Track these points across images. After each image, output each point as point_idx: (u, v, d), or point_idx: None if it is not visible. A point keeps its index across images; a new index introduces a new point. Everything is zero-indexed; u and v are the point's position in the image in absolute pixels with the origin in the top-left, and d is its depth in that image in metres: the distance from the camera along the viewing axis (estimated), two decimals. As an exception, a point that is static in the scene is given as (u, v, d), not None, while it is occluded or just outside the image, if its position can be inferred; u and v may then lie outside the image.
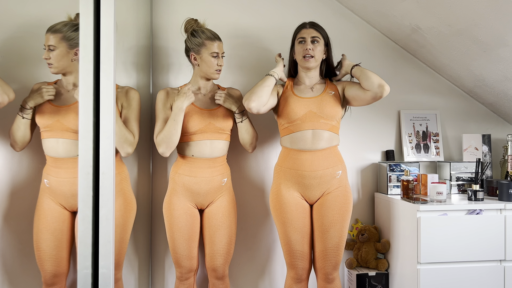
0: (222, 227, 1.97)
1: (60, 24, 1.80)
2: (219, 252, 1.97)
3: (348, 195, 1.95)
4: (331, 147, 1.94)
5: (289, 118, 1.93)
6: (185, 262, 1.95)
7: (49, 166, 1.83)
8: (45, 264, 1.82)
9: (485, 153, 2.48)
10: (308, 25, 1.97)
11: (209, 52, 1.93)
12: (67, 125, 1.78)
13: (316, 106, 1.92)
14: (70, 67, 1.83)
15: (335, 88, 2.01)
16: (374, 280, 2.22)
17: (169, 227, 1.96)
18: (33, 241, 1.84)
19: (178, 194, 1.96)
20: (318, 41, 1.94)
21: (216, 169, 1.98)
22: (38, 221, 1.83)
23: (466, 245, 1.99)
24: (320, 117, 1.91)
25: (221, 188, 1.99)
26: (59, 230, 1.83)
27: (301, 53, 1.94)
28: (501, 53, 2.01)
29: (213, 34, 1.95)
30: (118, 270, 1.91)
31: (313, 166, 1.90)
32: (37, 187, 1.90)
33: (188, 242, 1.94)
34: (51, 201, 1.83)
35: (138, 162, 2.21)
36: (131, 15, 2.21)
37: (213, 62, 1.94)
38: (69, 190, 1.80)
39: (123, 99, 1.94)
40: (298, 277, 1.92)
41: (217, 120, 1.96)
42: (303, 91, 1.99)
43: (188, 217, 1.95)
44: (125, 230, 1.91)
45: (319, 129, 1.91)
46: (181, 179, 1.95)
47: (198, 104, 1.99)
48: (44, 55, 1.80)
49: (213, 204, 1.99)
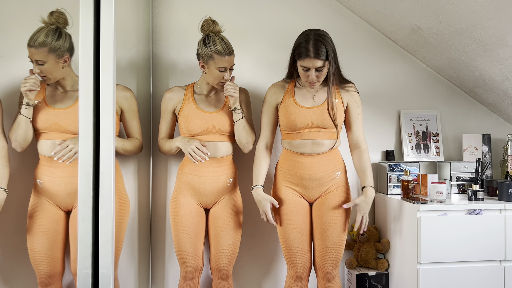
0: (227, 228, 1.97)
1: (41, 34, 1.71)
2: (223, 252, 1.97)
3: (347, 194, 1.96)
4: (331, 150, 1.93)
5: (290, 128, 1.92)
6: (190, 260, 1.95)
7: (43, 166, 1.81)
8: (39, 265, 1.80)
9: (485, 153, 2.48)
10: (313, 53, 1.77)
11: (216, 66, 1.88)
12: (66, 127, 1.77)
13: (317, 117, 1.88)
14: (62, 74, 1.80)
15: (340, 96, 1.93)
16: (374, 280, 2.22)
17: (174, 225, 1.96)
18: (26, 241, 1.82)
19: (183, 192, 1.97)
20: (323, 69, 1.82)
21: (221, 168, 1.98)
22: (31, 222, 1.81)
23: (466, 245, 1.98)
24: (321, 128, 1.89)
25: (226, 188, 2.00)
26: (54, 230, 1.81)
27: (304, 77, 1.85)
28: (501, 53, 2.01)
29: (224, 48, 1.87)
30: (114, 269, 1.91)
31: (312, 169, 1.90)
32: (30, 186, 1.88)
33: (194, 241, 1.95)
34: (45, 201, 1.82)
35: (138, 161, 2.21)
36: (131, 15, 2.21)
37: (219, 75, 1.91)
38: (64, 189, 1.79)
39: (121, 103, 1.94)
40: (298, 276, 1.92)
41: (220, 122, 1.96)
42: (305, 98, 1.93)
43: (193, 215, 1.96)
44: (120, 228, 1.90)
45: (319, 139, 1.90)
46: (186, 178, 1.97)
47: (202, 106, 1.99)
48: (34, 69, 1.72)
49: (219, 204, 2.00)
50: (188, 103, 1.98)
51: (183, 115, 1.97)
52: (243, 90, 2.08)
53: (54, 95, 1.83)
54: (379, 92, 2.46)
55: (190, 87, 2.04)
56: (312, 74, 1.81)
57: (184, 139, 1.94)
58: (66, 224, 1.86)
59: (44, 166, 1.81)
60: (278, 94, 1.97)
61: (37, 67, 1.72)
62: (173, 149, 1.99)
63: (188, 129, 1.96)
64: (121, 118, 1.99)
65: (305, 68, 1.81)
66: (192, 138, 1.94)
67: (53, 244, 1.81)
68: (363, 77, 2.43)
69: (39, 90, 1.79)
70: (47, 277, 1.81)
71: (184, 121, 1.97)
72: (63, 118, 1.77)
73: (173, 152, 2.02)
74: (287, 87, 1.97)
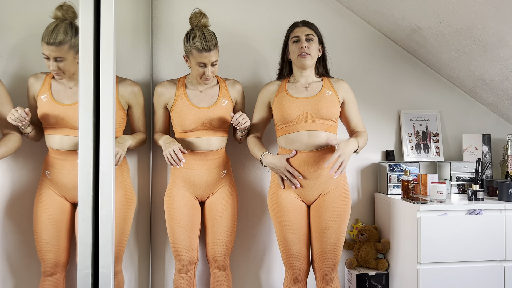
0: (222, 218, 1.98)
1: (59, 31, 1.69)
2: (219, 242, 1.98)
3: (346, 195, 1.92)
4: (328, 147, 1.92)
5: (284, 120, 1.92)
6: (185, 254, 1.94)
7: (52, 158, 1.83)
8: (46, 254, 1.82)
9: (485, 153, 2.48)
10: (301, 23, 1.96)
11: (195, 61, 1.87)
12: (72, 123, 1.78)
13: (311, 107, 1.89)
14: (75, 69, 1.82)
15: (333, 89, 1.97)
16: (374, 280, 2.22)
17: (169, 218, 1.96)
18: (33, 231, 1.85)
19: (178, 186, 1.98)
20: (313, 38, 1.92)
21: (214, 161, 1.99)
22: (38, 212, 1.83)
23: (466, 245, 1.98)
24: (316, 118, 1.88)
25: (221, 179, 2.01)
26: (60, 220, 1.84)
27: (297, 52, 1.92)
28: (501, 53, 2.01)
29: (203, 44, 1.82)
30: (118, 263, 1.92)
31: (308, 167, 1.89)
32: (38, 177, 1.91)
33: (189, 234, 1.95)
34: (52, 192, 1.84)
35: (138, 156, 2.22)
36: (131, 14, 2.21)
37: (199, 71, 1.90)
38: (71, 182, 1.81)
39: (129, 99, 1.97)
40: (295, 278, 1.92)
41: (214, 118, 1.95)
42: (298, 90, 1.95)
43: (188, 208, 1.96)
44: (126, 221, 1.92)
45: (315, 130, 1.89)
46: (180, 172, 1.97)
47: (195, 101, 1.98)
48: (51, 67, 1.72)
49: (214, 195, 2.01)
50: (180, 98, 1.97)
51: (176, 111, 1.96)
52: (237, 82, 2.08)
53: (60, 90, 1.84)
54: (379, 92, 2.46)
55: (182, 81, 2.02)
56: (302, 41, 1.90)
57: (167, 139, 1.91)
58: (72, 215, 1.88)
59: (53, 158, 1.83)
60: (270, 92, 2.02)
61: (55, 64, 1.72)
62: (162, 146, 1.95)
63: (181, 125, 1.95)
64: (128, 112, 2.00)
65: (296, 39, 1.93)
66: (173, 140, 1.89)
67: (60, 234, 1.83)
68: (363, 77, 2.44)
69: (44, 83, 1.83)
70: (52, 266, 1.84)
71: (177, 117, 1.96)
72: (70, 114, 1.79)
73: None
74: (280, 84, 2.02)
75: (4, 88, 1.82)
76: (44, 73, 1.88)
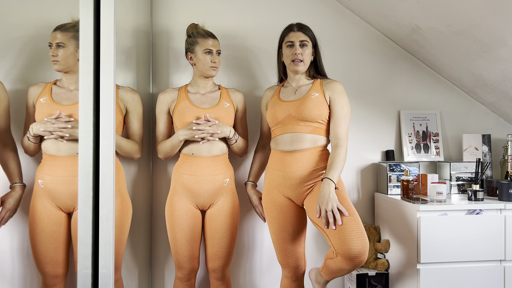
0: (222, 230, 1.96)
1: (69, 24, 1.82)
2: (218, 254, 1.96)
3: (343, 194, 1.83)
4: (314, 147, 1.88)
5: (272, 123, 1.96)
6: (186, 263, 1.94)
7: (46, 165, 1.81)
8: (45, 267, 1.81)
9: (485, 153, 2.48)
10: (296, 27, 1.93)
11: (202, 50, 1.95)
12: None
13: (295, 109, 1.88)
14: (74, 66, 1.83)
15: (322, 90, 1.92)
16: (374, 280, 2.22)
17: (171, 228, 1.95)
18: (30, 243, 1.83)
19: (179, 194, 1.96)
20: (307, 44, 1.91)
21: (217, 167, 1.97)
22: (33, 224, 1.81)
23: (466, 245, 1.98)
24: (299, 120, 1.87)
25: (223, 189, 1.98)
26: (56, 232, 1.81)
27: (290, 57, 1.91)
28: (501, 53, 2.01)
29: (207, 32, 1.99)
30: (117, 271, 1.91)
31: (292, 167, 1.87)
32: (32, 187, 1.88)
33: (190, 243, 1.94)
34: (47, 203, 1.81)
35: (138, 163, 2.21)
36: (131, 15, 2.21)
37: (207, 59, 1.95)
38: (66, 189, 1.79)
39: (127, 103, 1.97)
40: (292, 276, 1.95)
41: (215, 119, 1.95)
42: (288, 94, 1.96)
43: (189, 218, 1.95)
44: (123, 230, 1.90)
45: (299, 132, 1.88)
46: (181, 178, 1.95)
47: (196, 103, 1.98)
48: (51, 51, 1.80)
49: (215, 205, 1.98)
50: (182, 100, 1.98)
51: (178, 112, 1.97)
52: (239, 91, 2.11)
53: (60, 93, 1.85)
54: (379, 92, 2.46)
55: (183, 88, 2.05)
56: (296, 47, 1.89)
57: (180, 131, 1.94)
58: (68, 226, 1.86)
59: (47, 165, 1.81)
60: (267, 97, 2.07)
61: (56, 49, 1.80)
62: (176, 144, 1.95)
63: (183, 126, 1.96)
64: (124, 119, 2.00)
65: (290, 44, 1.91)
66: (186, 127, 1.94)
67: (57, 246, 1.81)
68: (363, 77, 2.44)
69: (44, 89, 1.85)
70: (51, 278, 1.82)
71: (179, 118, 1.96)
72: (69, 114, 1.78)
73: (175, 150, 1.98)
74: (276, 88, 2.05)
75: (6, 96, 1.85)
76: (45, 82, 1.90)
